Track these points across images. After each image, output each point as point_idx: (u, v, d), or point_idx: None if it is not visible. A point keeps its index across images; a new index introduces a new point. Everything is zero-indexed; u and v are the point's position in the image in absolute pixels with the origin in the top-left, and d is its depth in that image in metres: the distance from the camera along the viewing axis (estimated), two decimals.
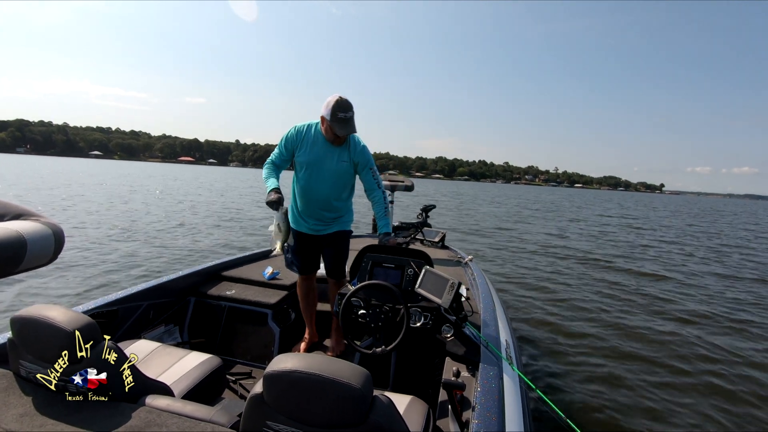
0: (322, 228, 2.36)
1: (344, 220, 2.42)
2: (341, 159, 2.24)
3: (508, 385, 1.52)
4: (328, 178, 2.25)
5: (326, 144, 2.23)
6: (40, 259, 0.86)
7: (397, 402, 1.48)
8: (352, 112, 2.12)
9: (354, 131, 2.16)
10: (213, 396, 1.74)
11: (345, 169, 2.27)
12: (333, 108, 2.08)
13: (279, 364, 0.91)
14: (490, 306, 2.22)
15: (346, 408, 0.88)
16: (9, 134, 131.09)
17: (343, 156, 2.25)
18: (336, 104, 2.07)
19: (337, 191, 2.31)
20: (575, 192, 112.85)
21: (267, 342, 2.47)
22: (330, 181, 2.25)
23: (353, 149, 2.27)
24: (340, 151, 2.24)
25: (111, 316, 2.01)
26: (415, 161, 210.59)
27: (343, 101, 2.09)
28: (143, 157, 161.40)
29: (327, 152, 2.23)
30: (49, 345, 1.04)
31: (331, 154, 2.23)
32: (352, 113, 2.12)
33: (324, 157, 2.22)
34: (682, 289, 6.52)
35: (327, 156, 2.23)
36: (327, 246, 2.40)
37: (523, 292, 5.76)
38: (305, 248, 2.40)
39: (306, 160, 2.23)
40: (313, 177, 2.24)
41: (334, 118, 2.09)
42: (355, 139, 2.29)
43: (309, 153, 2.23)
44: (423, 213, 4.56)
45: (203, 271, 2.71)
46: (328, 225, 2.36)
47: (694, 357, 3.88)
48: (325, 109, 2.11)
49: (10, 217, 0.89)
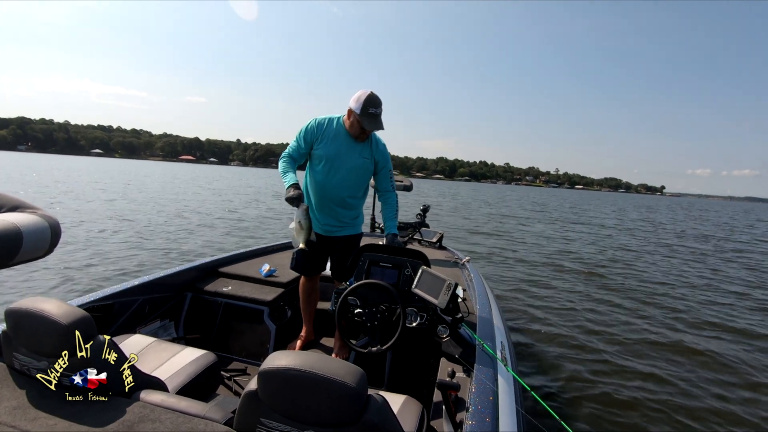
0: (335, 229, 2.32)
1: (357, 222, 2.39)
2: (362, 155, 2.22)
3: (503, 386, 1.51)
4: (347, 173, 2.21)
5: (348, 139, 2.20)
6: (36, 252, 0.86)
7: (392, 401, 1.49)
8: (381, 108, 2.11)
9: (382, 128, 2.14)
10: (207, 392, 1.74)
11: (365, 165, 2.24)
12: (365, 102, 2.06)
13: (274, 362, 0.91)
14: (486, 307, 2.22)
15: (341, 406, 0.88)
16: (10, 132, 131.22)
17: (364, 152, 2.23)
18: (368, 99, 2.07)
19: (354, 188, 2.27)
20: (576, 193, 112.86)
21: (263, 339, 2.47)
22: (348, 176, 2.21)
23: (375, 146, 2.26)
24: (362, 148, 2.22)
25: (106, 310, 2.00)
26: (416, 161, 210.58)
27: (375, 97, 2.09)
28: (144, 155, 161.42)
29: (348, 147, 2.19)
30: (43, 338, 1.04)
31: (352, 150, 2.20)
32: (381, 110, 2.12)
33: (345, 151, 2.19)
34: (680, 292, 6.53)
35: (348, 151, 2.19)
36: (337, 249, 2.35)
37: (519, 293, 5.76)
38: (314, 249, 2.34)
39: (325, 153, 2.18)
40: (331, 171, 2.20)
41: (365, 113, 2.07)
42: (376, 137, 2.28)
43: (329, 146, 2.18)
44: (422, 213, 4.57)
45: (200, 266, 2.70)
46: (341, 226, 2.32)
47: (693, 358, 3.88)
48: (355, 102, 2.09)
49: (6, 209, 0.89)
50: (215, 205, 15.15)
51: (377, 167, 2.30)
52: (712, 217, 33.67)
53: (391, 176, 2.36)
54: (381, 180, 2.35)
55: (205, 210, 13.23)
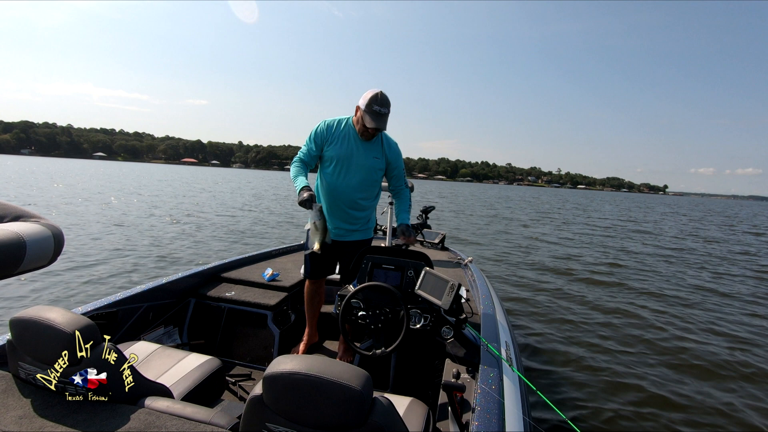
0: (346, 233, 2.30)
1: (368, 226, 2.38)
2: (373, 155, 2.21)
3: (508, 386, 1.51)
4: (358, 173, 2.19)
5: (358, 139, 2.19)
6: (40, 261, 0.86)
7: (397, 404, 1.48)
8: (387, 109, 2.10)
9: (383, 128, 2.13)
10: (212, 398, 1.74)
11: (377, 165, 2.22)
12: (370, 99, 2.07)
13: (278, 366, 0.91)
14: (490, 307, 2.22)
15: (346, 410, 0.88)
16: (14, 136, 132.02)
17: (375, 152, 2.22)
18: (374, 97, 2.07)
19: (366, 189, 2.25)
20: (578, 193, 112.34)
21: (267, 343, 2.47)
22: (359, 177, 2.20)
23: (387, 146, 2.25)
24: (373, 148, 2.21)
25: (110, 318, 2.01)
26: (418, 162, 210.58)
27: (383, 96, 2.09)
28: (147, 158, 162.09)
29: (358, 147, 2.19)
30: (48, 347, 1.04)
31: (362, 150, 2.19)
32: (388, 111, 2.10)
33: (355, 151, 2.18)
34: (684, 295, 6.49)
35: (358, 151, 2.18)
36: (347, 255, 2.32)
37: (523, 293, 5.74)
38: (325, 254, 2.29)
39: (336, 154, 2.17)
40: (342, 172, 2.18)
41: (369, 110, 2.07)
42: (387, 137, 2.27)
43: (340, 147, 2.18)
44: (423, 214, 4.56)
45: (203, 272, 2.71)
46: (352, 230, 2.31)
47: (695, 358, 3.86)
48: (363, 99, 2.09)
49: (9, 218, 0.89)
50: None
51: (389, 167, 2.29)
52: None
53: (404, 176, 2.36)
54: (394, 180, 2.35)
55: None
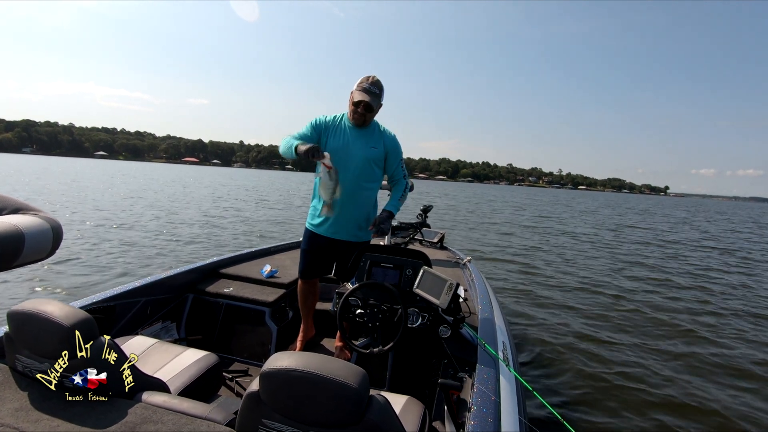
0: (345, 234, 2.27)
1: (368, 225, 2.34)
2: (371, 145, 2.19)
3: (505, 386, 1.51)
4: (356, 164, 2.17)
5: (354, 130, 2.19)
6: (38, 254, 0.86)
7: (394, 402, 1.49)
8: (377, 90, 2.12)
9: (372, 105, 2.11)
10: (209, 393, 1.74)
11: (375, 155, 2.21)
12: (362, 79, 2.12)
13: (275, 363, 0.92)
14: (487, 307, 2.22)
15: (342, 407, 0.88)
16: (15, 134, 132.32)
17: (372, 142, 2.20)
18: (365, 77, 2.12)
19: (364, 180, 2.22)
20: (579, 194, 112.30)
21: (264, 340, 2.47)
22: (358, 168, 2.17)
23: (384, 135, 2.25)
24: (369, 137, 2.20)
25: (108, 312, 2.01)
26: (419, 162, 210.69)
27: (374, 78, 2.13)
28: (148, 157, 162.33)
29: (355, 138, 2.18)
30: (46, 340, 1.04)
31: (359, 140, 2.18)
32: (378, 91, 2.12)
33: (352, 142, 2.17)
34: (684, 294, 6.49)
35: (355, 141, 2.18)
36: (344, 256, 2.29)
37: (521, 293, 5.74)
38: (318, 253, 2.29)
39: (333, 145, 2.18)
40: (340, 164, 2.15)
41: (358, 87, 2.10)
42: (384, 128, 2.28)
43: (337, 139, 2.19)
44: (422, 214, 4.56)
45: (202, 268, 2.71)
46: (352, 229, 2.27)
47: (694, 359, 3.85)
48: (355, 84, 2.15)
49: (8, 211, 0.89)
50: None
51: (389, 156, 2.28)
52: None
53: (404, 166, 2.34)
54: (394, 169, 2.34)
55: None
